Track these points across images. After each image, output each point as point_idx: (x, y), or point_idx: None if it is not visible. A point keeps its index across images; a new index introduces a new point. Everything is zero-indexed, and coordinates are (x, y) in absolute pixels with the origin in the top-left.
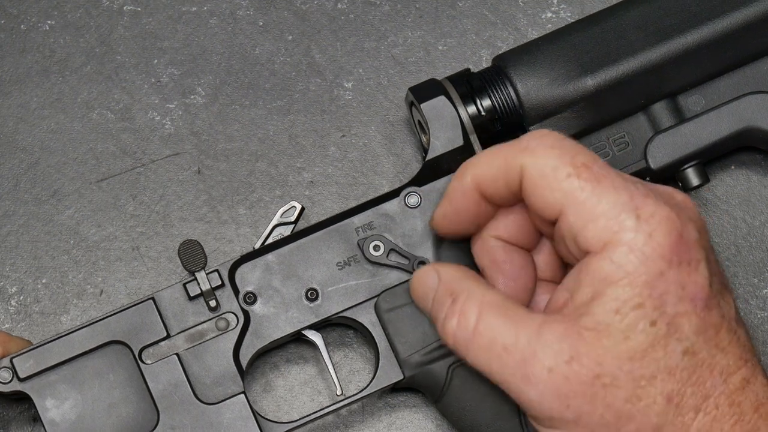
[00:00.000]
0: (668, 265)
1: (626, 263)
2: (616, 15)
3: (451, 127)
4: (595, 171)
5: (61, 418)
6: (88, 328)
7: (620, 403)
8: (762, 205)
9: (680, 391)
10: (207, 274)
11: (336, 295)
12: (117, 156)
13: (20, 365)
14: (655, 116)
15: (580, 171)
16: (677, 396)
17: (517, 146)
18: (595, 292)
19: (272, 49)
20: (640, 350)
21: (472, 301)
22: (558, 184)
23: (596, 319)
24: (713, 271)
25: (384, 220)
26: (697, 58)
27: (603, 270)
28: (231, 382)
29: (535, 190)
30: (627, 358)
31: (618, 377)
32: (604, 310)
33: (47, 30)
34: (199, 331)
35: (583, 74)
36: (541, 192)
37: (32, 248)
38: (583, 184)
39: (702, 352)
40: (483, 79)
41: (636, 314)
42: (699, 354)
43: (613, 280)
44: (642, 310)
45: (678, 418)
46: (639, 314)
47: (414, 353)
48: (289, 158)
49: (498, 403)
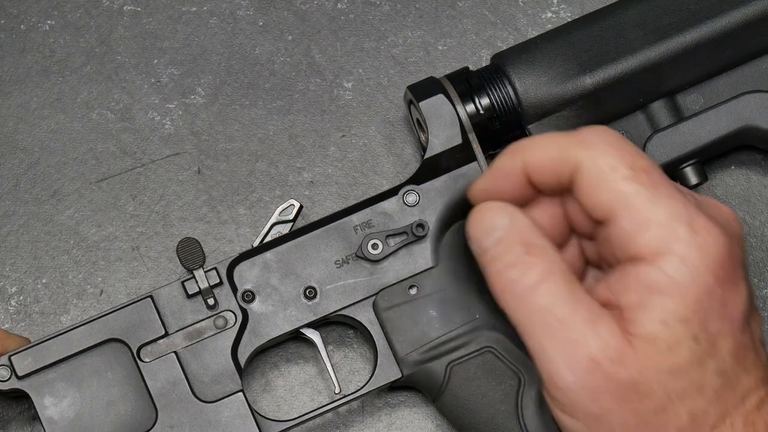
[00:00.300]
0: (716, 282)
1: (677, 275)
2: (614, 14)
3: (449, 125)
4: (653, 177)
5: (60, 416)
6: (87, 326)
7: (648, 413)
8: (762, 205)
9: (705, 410)
10: (205, 272)
11: (334, 294)
12: (117, 156)
13: (18, 363)
14: (653, 115)
15: (639, 175)
16: (701, 415)
17: (574, 138)
18: (642, 299)
19: (272, 49)
20: (682, 366)
21: (543, 258)
22: (614, 185)
23: (645, 329)
24: (750, 291)
25: (382, 219)
26: (695, 57)
27: (652, 278)
28: (229, 380)
29: (589, 187)
30: (667, 372)
31: (654, 389)
32: (651, 319)
33: (47, 30)
34: (197, 329)
35: (582, 73)
36: (595, 191)
37: (32, 248)
38: (639, 188)
39: (730, 373)
40: (481, 78)
41: (682, 329)
42: (728, 374)
43: (663, 291)
44: (688, 326)
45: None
46: (685, 329)
47: (412, 352)
48: (289, 158)
49: (496, 401)
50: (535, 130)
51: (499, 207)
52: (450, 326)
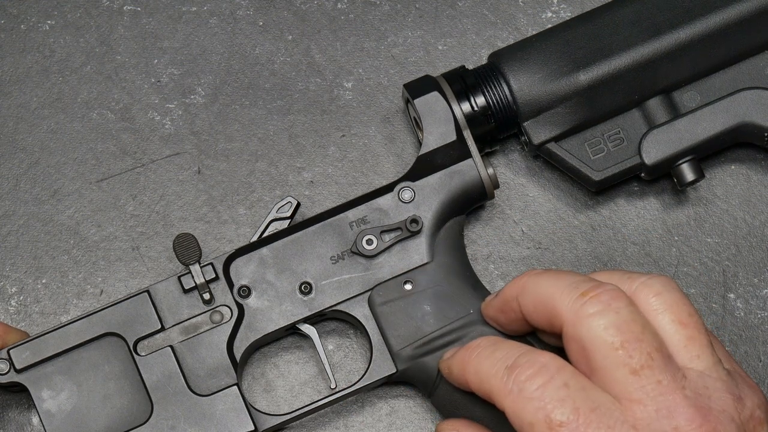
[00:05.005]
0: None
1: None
2: (610, 11)
3: (444, 122)
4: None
5: (57, 409)
6: (84, 320)
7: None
8: (762, 205)
9: None
10: (201, 267)
11: (329, 289)
12: (117, 156)
13: (17, 356)
14: (649, 112)
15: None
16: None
17: (571, 306)
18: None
19: (272, 49)
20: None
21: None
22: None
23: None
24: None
25: (378, 215)
26: (690, 54)
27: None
28: (224, 374)
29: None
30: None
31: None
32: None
33: (47, 30)
34: (193, 324)
35: (576, 69)
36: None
37: (32, 248)
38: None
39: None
40: (477, 76)
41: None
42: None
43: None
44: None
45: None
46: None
47: (407, 346)
48: (289, 158)
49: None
50: (530, 126)
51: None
52: (444, 321)
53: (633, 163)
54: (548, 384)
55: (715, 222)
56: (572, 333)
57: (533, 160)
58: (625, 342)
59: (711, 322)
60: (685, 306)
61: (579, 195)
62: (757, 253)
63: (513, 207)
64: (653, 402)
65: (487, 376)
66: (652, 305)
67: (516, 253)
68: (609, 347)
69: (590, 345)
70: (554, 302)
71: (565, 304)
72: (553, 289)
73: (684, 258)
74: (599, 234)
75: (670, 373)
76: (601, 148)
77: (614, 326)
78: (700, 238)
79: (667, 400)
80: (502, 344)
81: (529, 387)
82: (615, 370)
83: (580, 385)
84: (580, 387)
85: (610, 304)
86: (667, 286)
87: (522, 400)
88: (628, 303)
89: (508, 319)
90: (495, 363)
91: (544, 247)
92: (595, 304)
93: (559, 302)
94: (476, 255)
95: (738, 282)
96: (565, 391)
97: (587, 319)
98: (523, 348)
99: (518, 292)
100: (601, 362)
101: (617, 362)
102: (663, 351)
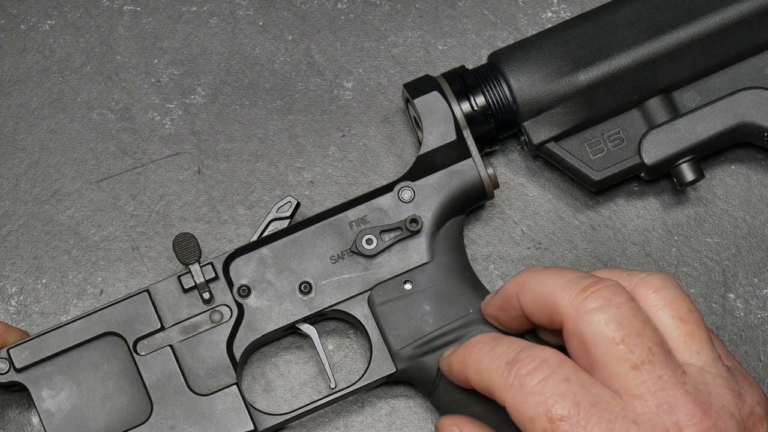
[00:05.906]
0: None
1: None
2: (610, 11)
3: (443, 122)
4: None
5: (57, 408)
6: (84, 320)
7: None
8: (762, 205)
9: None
10: (201, 267)
11: (329, 289)
12: (117, 156)
13: (17, 356)
14: (649, 112)
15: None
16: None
17: (570, 302)
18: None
19: (272, 49)
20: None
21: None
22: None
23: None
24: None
25: (378, 215)
26: (690, 54)
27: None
28: (224, 374)
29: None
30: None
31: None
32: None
33: (47, 30)
34: (193, 324)
35: (576, 69)
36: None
37: (32, 248)
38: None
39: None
40: (477, 76)
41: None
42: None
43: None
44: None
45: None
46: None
47: (406, 346)
48: (289, 158)
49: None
50: (530, 126)
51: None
52: (444, 321)
53: (633, 163)
54: (549, 378)
55: (715, 222)
56: (573, 328)
57: (533, 160)
58: (626, 337)
59: (711, 322)
60: (684, 302)
61: (579, 195)
62: (757, 253)
63: (513, 207)
64: (654, 397)
65: (487, 372)
66: (652, 301)
67: (516, 253)
68: (610, 342)
69: (591, 340)
70: (555, 298)
71: (566, 300)
72: (553, 286)
73: (684, 258)
74: (599, 234)
75: (670, 368)
76: (600, 148)
77: (615, 321)
78: (700, 238)
79: (668, 396)
80: (503, 340)
81: (529, 382)
82: (616, 365)
83: (581, 380)
84: (581, 382)
85: (611, 300)
86: (666, 283)
87: (523, 394)
88: (628, 299)
89: (509, 316)
90: (495, 358)
91: (544, 247)
92: (595, 299)
93: (559, 298)
94: (476, 255)
95: (738, 282)
96: (566, 386)
97: (588, 314)
98: (523, 343)
99: (518, 289)
100: (602, 357)
101: (618, 357)
102: (663, 346)
